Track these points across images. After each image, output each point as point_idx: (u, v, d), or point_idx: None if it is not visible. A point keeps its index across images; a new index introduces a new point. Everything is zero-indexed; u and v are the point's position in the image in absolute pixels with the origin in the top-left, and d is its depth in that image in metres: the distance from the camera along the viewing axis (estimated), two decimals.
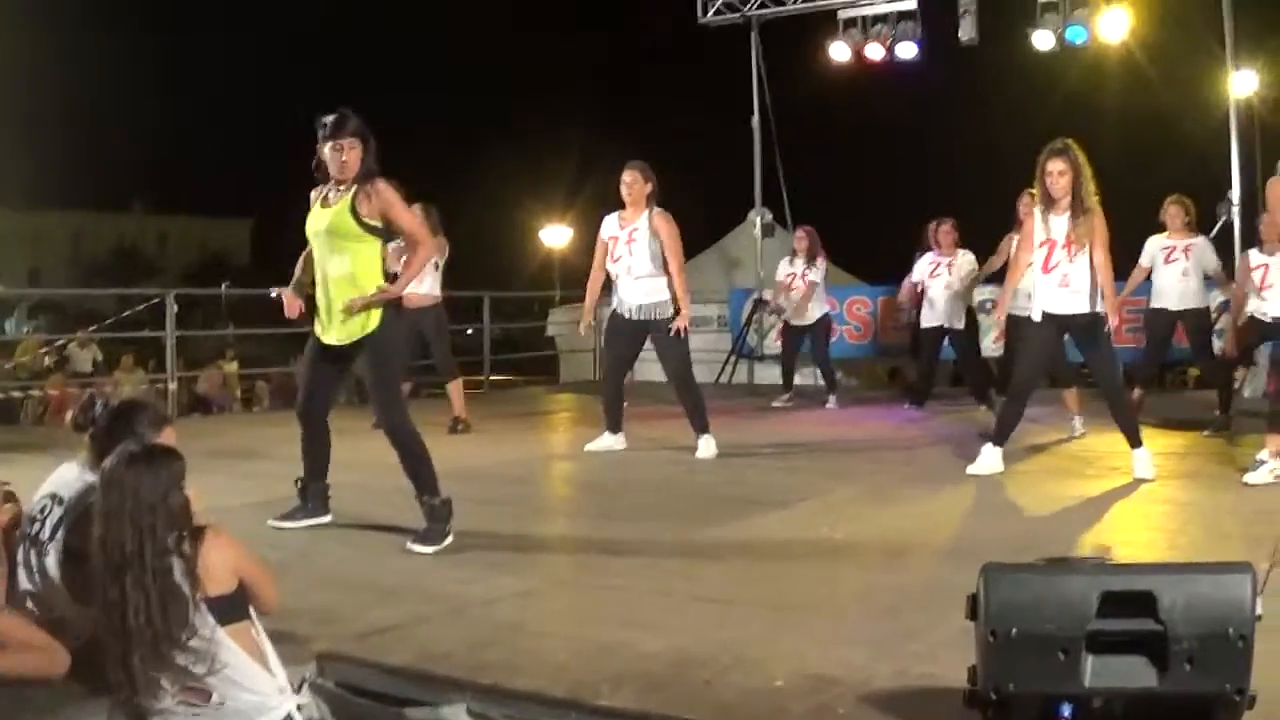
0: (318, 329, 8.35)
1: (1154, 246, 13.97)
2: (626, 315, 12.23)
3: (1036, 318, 10.48)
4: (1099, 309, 10.35)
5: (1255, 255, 12.52)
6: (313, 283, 8.38)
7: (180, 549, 4.70)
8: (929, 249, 16.44)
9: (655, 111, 51.65)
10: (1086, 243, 10.20)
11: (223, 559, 4.79)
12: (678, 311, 12.09)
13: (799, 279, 17.91)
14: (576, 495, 11.29)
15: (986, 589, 3.14)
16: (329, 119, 8.12)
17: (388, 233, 8.26)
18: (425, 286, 14.03)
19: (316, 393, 8.60)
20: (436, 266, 14.36)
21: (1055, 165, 10.22)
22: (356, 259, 8.10)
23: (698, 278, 25.23)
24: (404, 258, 13.71)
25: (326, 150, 8.11)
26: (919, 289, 16.37)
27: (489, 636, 5.90)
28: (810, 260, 17.90)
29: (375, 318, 8.11)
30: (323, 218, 8.16)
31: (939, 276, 16.12)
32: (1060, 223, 10.31)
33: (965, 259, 16.14)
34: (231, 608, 4.78)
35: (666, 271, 12.08)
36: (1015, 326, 11.37)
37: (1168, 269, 13.87)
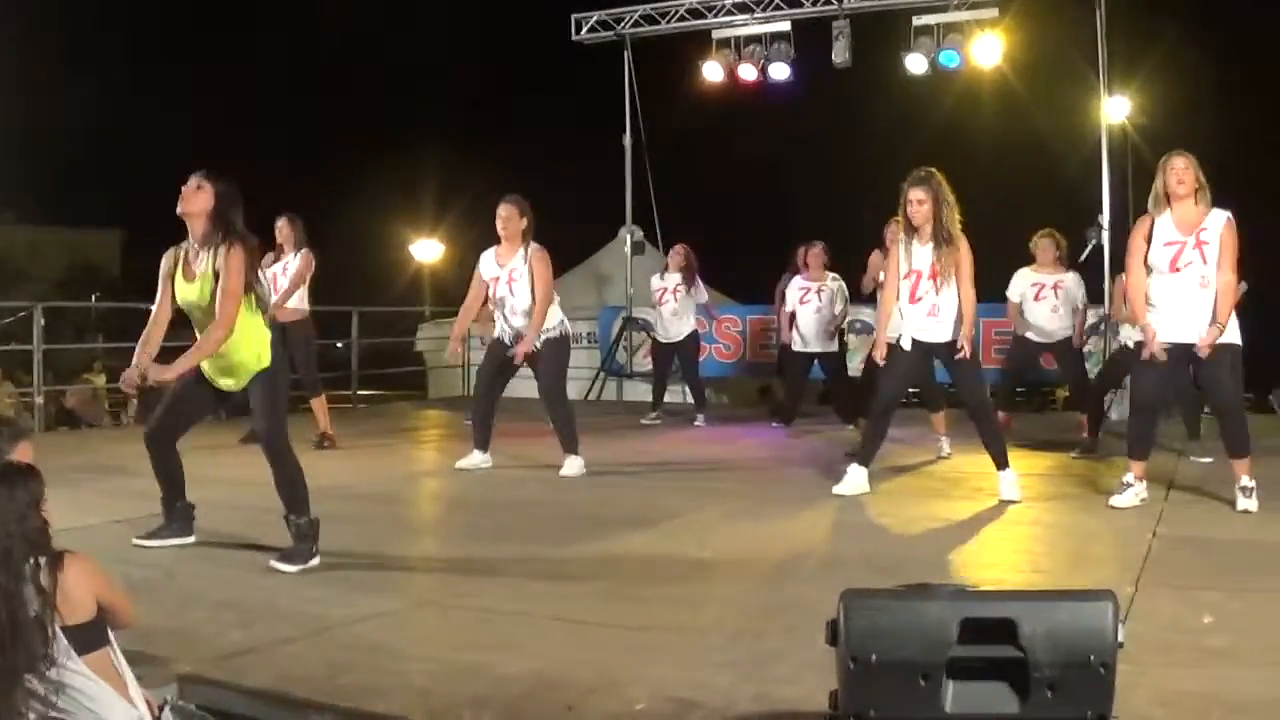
0: (209, 372, 8.25)
1: (1023, 282, 14.08)
2: (509, 341, 12.24)
3: (906, 345, 10.55)
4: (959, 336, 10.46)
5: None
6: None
7: (37, 577, 4.46)
8: (797, 271, 16.50)
9: (528, 127, 51.45)
10: (951, 274, 10.29)
11: (82, 585, 4.61)
12: (562, 331, 12.36)
13: (669, 294, 17.94)
14: (442, 514, 11.23)
15: (846, 615, 3.14)
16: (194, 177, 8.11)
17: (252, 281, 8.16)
18: (294, 301, 13.97)
19: (179, 422, 8.47)
20: (305, 283, 14.28)
21: (916, 194, 10.32)
22: (241, 325, 7.99)
23: (568, 295, 25.18)
24: (283, 274, 13.71)
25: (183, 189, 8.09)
26: (789, 315, 16.42)
27: (350, 659, 5.84)
28: (687, 279, 17.93)
29: (265, 355, 8.08)
30: (190, 291, 8.06)
31: (809, 302, 16.18)
32: (924, 253, 10.41)
33: (835, 284, 16.21)
34: (91, 635, 4.63)
35: (549, 303, 12.23)
36: (890, 356, 11.43)
37: (1037, 306, 14.00)
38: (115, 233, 54.84)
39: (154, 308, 8.24)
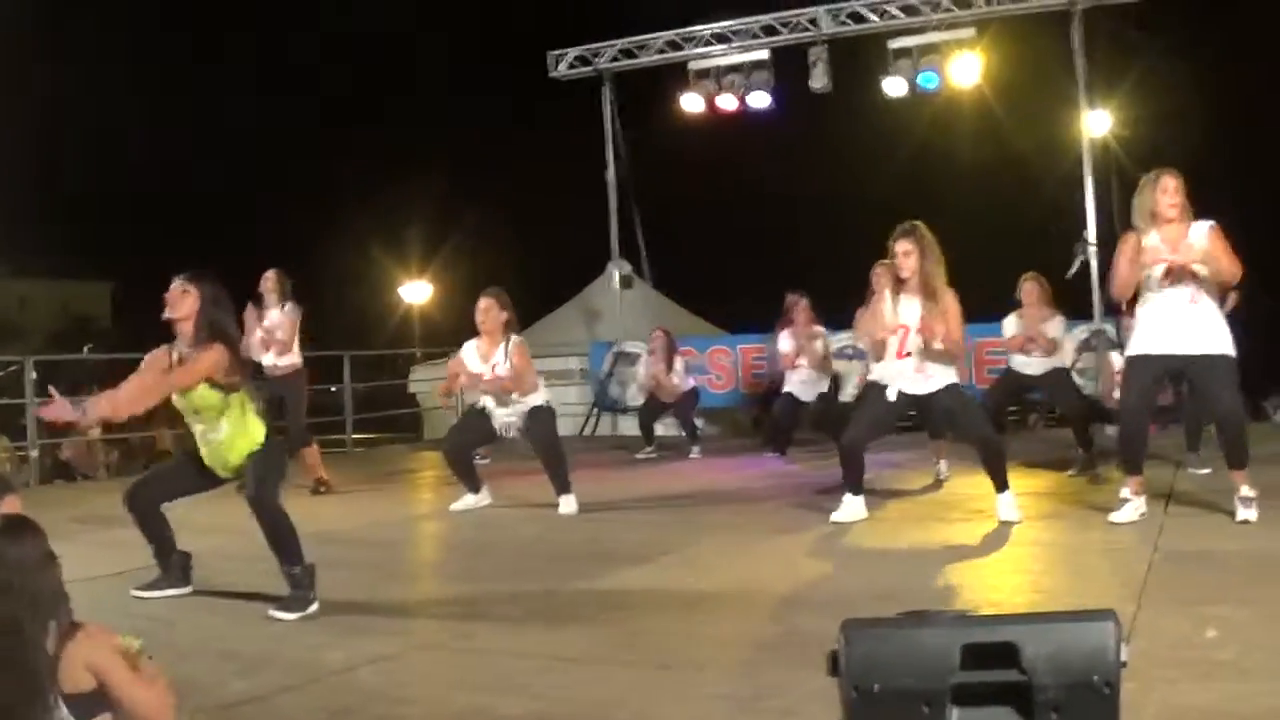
0: (204, 456, 8.25)
1: (1009, 330, 14.06)
2: (491, 420, 12.32)
3: (891, 396, 10.54)
4: (954, 378, 10.52)
5: None
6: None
7: (43, 643, 4.31)
8: (789, 323, 16.59)
9: (514, 165, 51.55)
10: (939, 330, 10.29)
11: (83, 657, 4.47)
12: (547, 407, 12.41)
13: (661, 375, 18.14)
14: (439, 556, 11.20)
15: (847, 645, 3.11)
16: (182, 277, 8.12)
17: (247, 374, 8.18)
18: (286, 358, 14.05)
19: (165, 493, 8.51)
20: (296, 334, 14.31)
21: (903, 245, 10.35)
22: (231, 420, 8.03)
23: (558, 331, 25.30)
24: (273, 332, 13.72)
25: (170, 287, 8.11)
26: (782, 371, 16.58)
27: (351, 704, 5.82)
28: (668, 362, 18.13)
29: (258, 444, 8.07)
30: (186, 400, 8.06)
31: (799, 368, 16.38)
32: (912, 307, 10.41)
33: (819, 342, 16.43)
34: (92, 705, 4.56)
35: (534, 389, 12.33)
36: (870, 389, 11.38)
37: (1024, 355, 14.00)
38: (106, 284, 54.95)
39: (129, 383, 8.21)
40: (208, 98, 50.56)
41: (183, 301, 8.02)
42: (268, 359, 13.94)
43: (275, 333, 14.09)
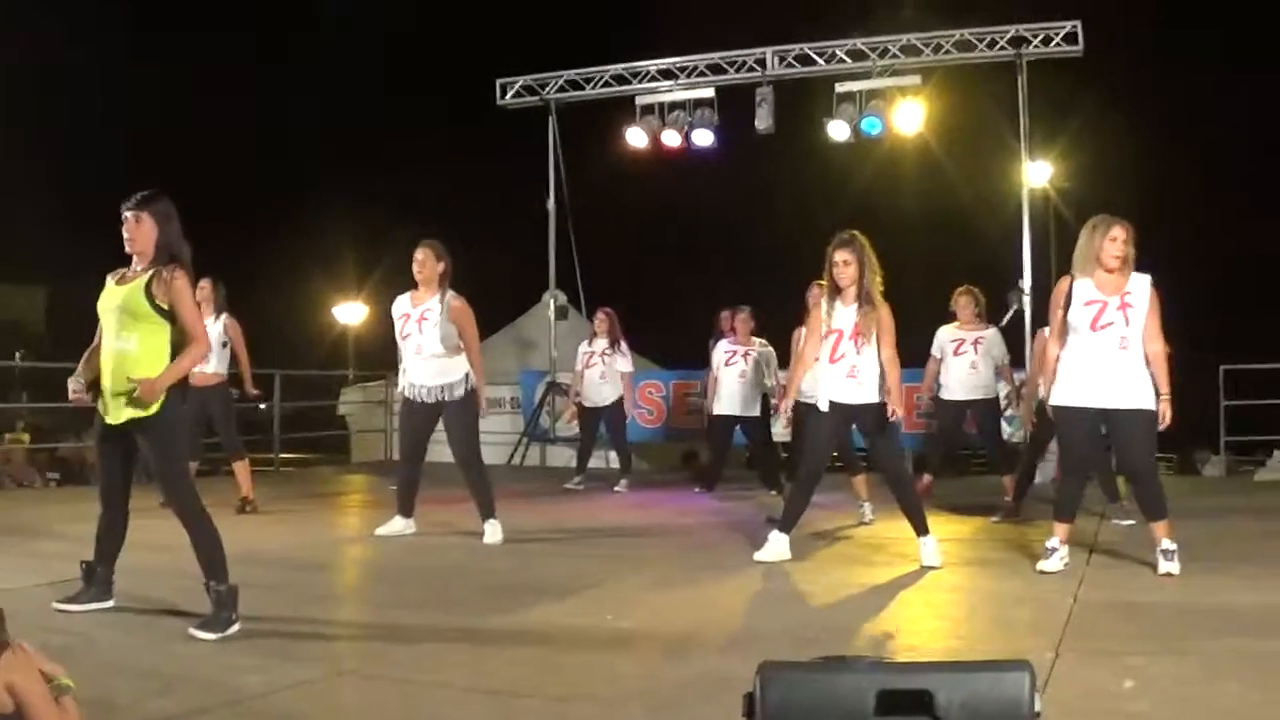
0: (100, 409, 8.21)
1: (944, 338, 14.23)
2: (418, 399, 12.18)
3: (824, 407, 10.57)
4: (885, 398, 10.50)
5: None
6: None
7: None
8: (724, 335, 16.56)
9: (452, 191, 51.41)
10: (872, 334, 10.35)
11: (4, 677, 4.38)
12: (469, 386, 12.13)
13: (597, 357, 17.99)
14: (363, 581, 11.12)
15: (762, 688, 3.13)
16: (136, 195, 8.07)
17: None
18: (212, 365, 13.90)
19: (113, 472, 8.40)
20: (225, 345, 14.26)
21: (842, 255, 10.40)
22: (144, 340, 7.96)
23: (491, 359, 25.21)
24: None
25: (124, 218, 8.05)
26: (714, 378, 16.44)
27: None
28: (612, 342, 18.00)
29: (156, 400, 7.99)
30: (115, 294, 8.03)
31: (734, 365, 16.23)
32: (847, 313, 10.47)
33: (762, 350, 16.28)
34: None
35: (457, 352, 12.09)
36: (803, 413, 11.43)
37: (957, 361, 14.15)
38: (39, 289, 54.49)
39: (98, 334, 8.23)
40: (148, 104, 50.05)
41: (140, 230, 8.03)
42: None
43: (224, 342, 14.09)
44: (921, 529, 10.51)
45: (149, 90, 50.41)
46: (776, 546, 10.75)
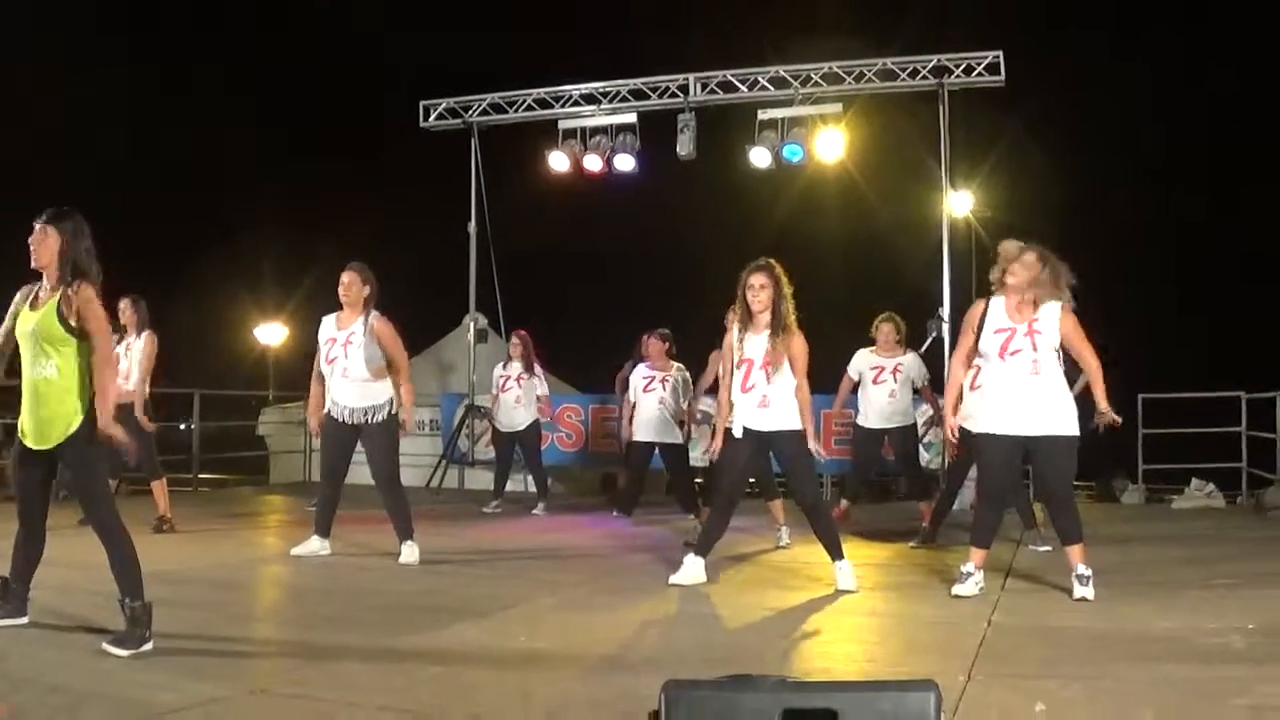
0: (20, 432, 8.18)
1: (862, 363, 14.29)
2: (340, 419, 12.18)
3: (738, 433, 10.58)
4: (798, 425, 10.52)
5: None
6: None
7: None
8: (641, 359, 16.55)
9: (373, 212, 51.26)
10: (784, 362, 10.37)
11: None
12: (392, 410, 12.18)
13: (512, 381, 17.99)
14: (278, 601, 11.04)
15: (667, 707, 3.13)
16: (45, 214, 8.04)
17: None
18: (133, 382, 13.84)
19: (32, 493, 8.35)
20: (151, 362, 14.17)
21: (758, 279, 10.42)
22: (63, 365, 7.94)
23: (412, 381, 25.15)
24: (125, 354, 13.55)
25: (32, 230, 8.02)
26: (632, 403, 16.43)
27: None
28: (527, 366, 18.01)
29: (75, 421, 7.95)
30: (29, 319, 7.99)
31: (652, 391, 16.21)
32: (758, 342, 10.50)
33: (679, 375, 16.27)
34: None
35: (381, 375, 12.11)
36: (725, 449, 11.42)
37: (876, 389, 14.24)
38: None
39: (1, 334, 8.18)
40: (82, 119, 49.78)
41: (45, 245, 7.99)
42: (122, 384, 13.82)
43: (125, 363, 13.97)
44: (836, 554, 10.53)
45: (84, 104, 50.10)
46: (692, 570, 10.75)
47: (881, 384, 14.25)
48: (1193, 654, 7.84)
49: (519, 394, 18.05)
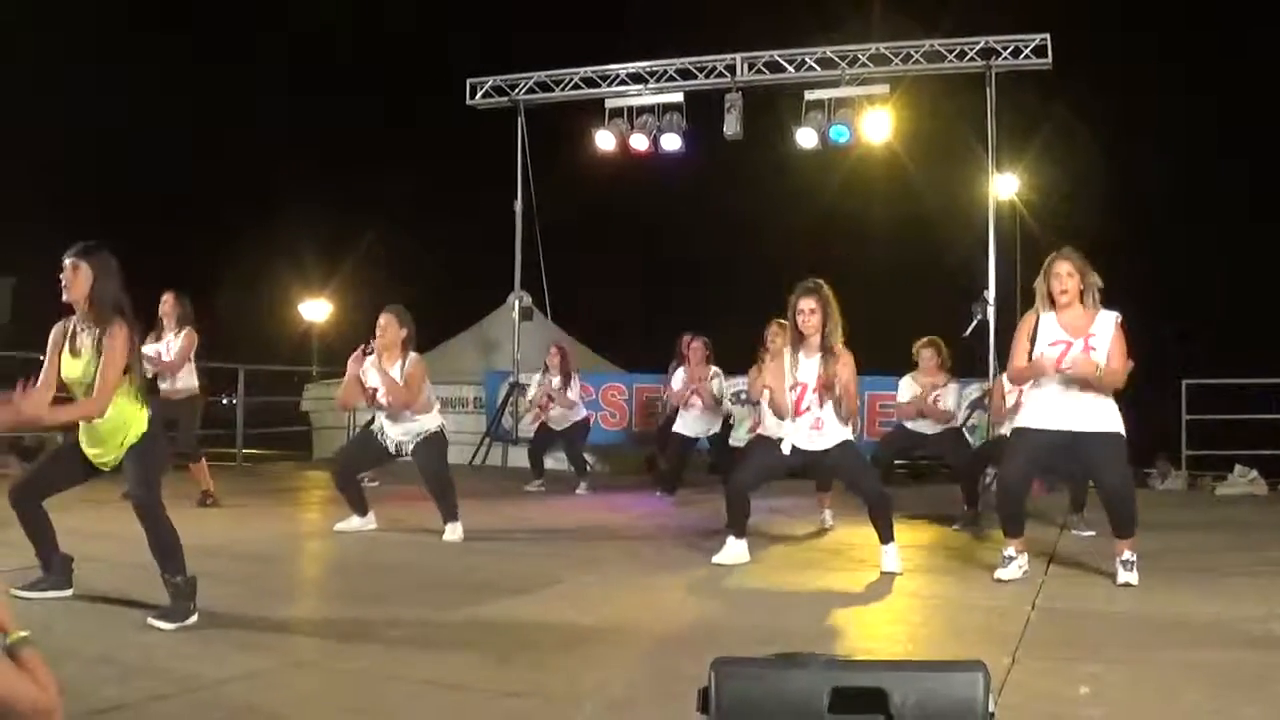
0: (83, 443, 8.22)
1: (906, 391, 14.16)
2: (381, 440, 12.39)
3: (785, 450, 10.59)
4: (846, 437, 10.61)
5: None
6: None
7: None
8: (683, 361, 16.60)
9: (419, 190, 51.21)
10: (836, 386, 10.35)
11: None
12: (439, 433, 12.44)
13: (554, 394, 18.07)
14: (322, 575, 11.09)
15: (717, 684, 3.12)
16: (70, 254, 8.09)
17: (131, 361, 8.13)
18: (182, 381, 14.07)
19: (47, 485, 8.46)
20: (190, 360, 14.29)
21: (807, 303, 10.40)
22: (116, 402, 8.00)
23: (455, 359, 25.18)
24: (167, 353, 13.64)
25: (63, 266, 8.10)
26: (673, 407, 16.56)
27: (220, 718, 5.77)
28: (565, 378, 18.07)
29: (136, 430, 8.05)
30: (75, 367, 8.05)
31: (692, 407, 16.50)
32: (810, 365, 10.51)
33: (715, 382, 16.56)
34: None
35: (426, 409, 12.42)
36: (762, 442, 11.34)
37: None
38: (5, 281, 54.28)
39: (41, 375, 8.20)
40: (117, 102, 49.79)
41: (76, 281, 8.01)
42: (164, 384, 13.88)
43: (167, 359, 14.05)
44: (887, 537, 10.52)
45: (118, 89, 50.16)
46: (735, 550, 10.75)
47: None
48: (1236, 639, 7.81)
49: (562, 411, 18.25)
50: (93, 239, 8.12)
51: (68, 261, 8.05)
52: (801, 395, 10.53)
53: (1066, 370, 9.54)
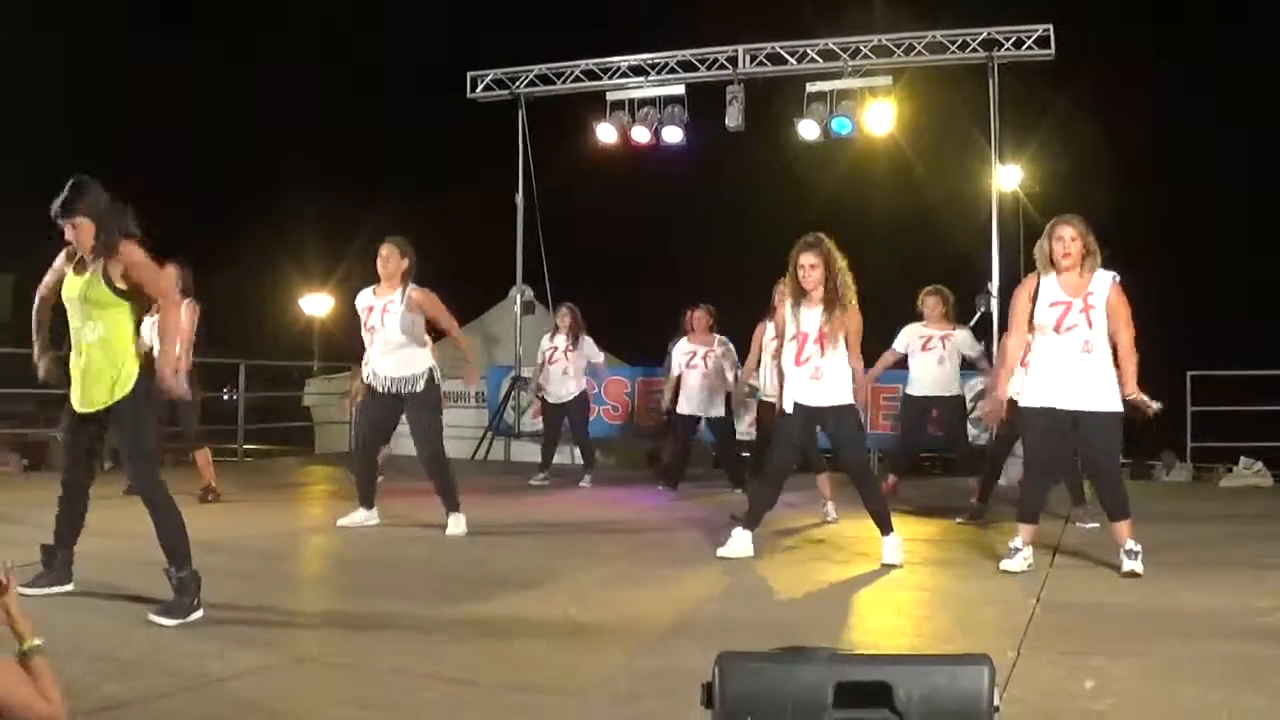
0: (72, 396, 8.21)
1: (911, 335, 14.20)
2: (379, 389, 12.22)
3: (788, 408, 10.56)
4: (849, 399, 10.51)
5: None
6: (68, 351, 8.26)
7: None
8: (685, 334, 16.53)
9: (421, 183, 51.19)
10: (839, 338, 10.31)
11: None
12: (431, 380, 12.26)
13: (560, 353, 17.99)
14: (325, 570, 11.07)
15: (721, 677, 3.11)
16: (58, 200, 8.04)
17: (142, 296, 8.12)
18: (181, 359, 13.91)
19: (78, 460, 8.43)
20: (192, 333, 14.16)
21: (807, 259, 10.35)
22: (110, 325, 8.03)
23: (456, 353, 25.16)
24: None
25: (60, 227, 8.07)
26: (675, 377, 16.44)
27: (226, 714, 5.77)
28: (573, 337, 18.00)
29: (127, 384, 8.01)
30: (75, 285, 8.07)
31: (695, 367, 16.28)
32: (812, 316, 10.43)
33: (721, 347, 16.36)
34: None
35: (421, 344, 12.21)
36: (767, 412, 11.37)
37: (924, 356, 14.15)
38: (7, 277, 54.28)
39: (41, 288, 8.23)
40: (118, 97, 49.78)
41: (80, 236, 8.03)
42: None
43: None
44: (885, 527, 10.50)
45: (119, 84, 50.16)
46: (740, 543, 10.73)
47: (930, 351, 14.15)
48: (1242, 631, 7.81)
49: (566, 365, 18.07)
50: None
51: (62, 223, 8.05)
52: (802, 345, 10.50)
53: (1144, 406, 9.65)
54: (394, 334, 12.13)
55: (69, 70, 50.04)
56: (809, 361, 10.46)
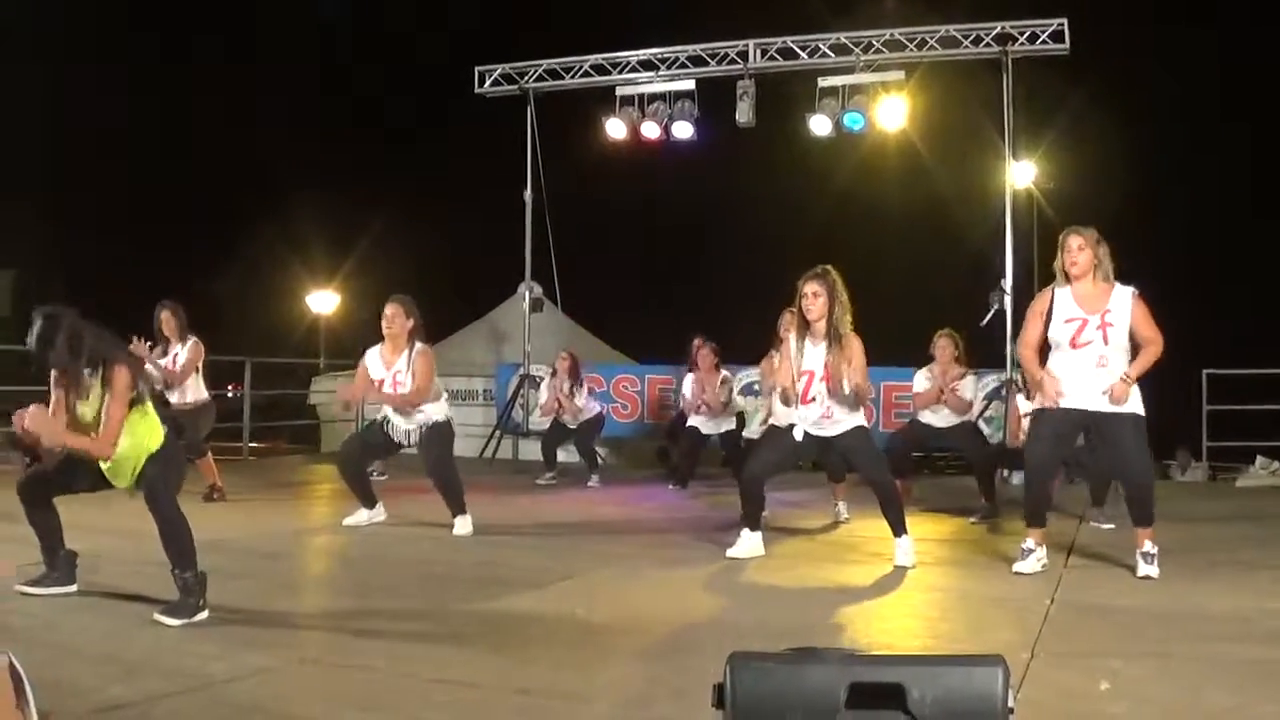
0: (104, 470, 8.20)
1: (922, 385, 14.11)
2: (388, 432, 12.38)
3: (798, 437, 10.52)
4: (861, 422, 10.55)
5: None
6: None
7: None
8: (694, 367, 16.64)
9: (428, 180, 51.25)
10: (844, 374, 10.25)
11: None
12: (445, 421, 12.37)
13: (565, 400, 18.11)
14: (330, 570, 11.03)
15: (732, 679, 3.04)
16: (31, 349, 8.00)
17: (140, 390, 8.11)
18: (191, 393, 14.11)
19: (57, 486, 8.41)
20: (198, 370, 14.34)
21: (811, 287, 10.31)
22: (131, 430, 8.04)
23: (465, 351, 25.10)
24: (173, 365, 13.55)
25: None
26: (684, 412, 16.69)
27: (229, 716, 5.73)
28: (575, 380, 18.17)
29: (155, 442, 8.10)
30: (88, 410, 8.05)
31: (702, 413, 16.80)
32: (817, 354, 10.43)
33: (724, 388, 16.81)
34: None
35: (436, 398, 12.35)
36: (773, 432, 11.28)
37: (931, 410, 14.06)
38: (7, 272, 54.54)
39: (51, 403, 8.21)
40: (118, 96, 49.87)
41: (74, 375, 8.00)
42: (173, 397, 13.78)
43: (176, 371, 14.00)
44: (900, 530, 10.47)
45: (118, 83, 50.25)
46: (749, 543, 10.70)
47: (938, 407, 14.10)
48: (1258, 634, 7.75)
49: (573, 411, 18.34)
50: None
51: (56, 372, 8.06)
52: (809, 384, 10.45)
53: (1112, 399, 9.53)
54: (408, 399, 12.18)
55: (70, 68, 50.12)
56: (816, 401, 10.47)
